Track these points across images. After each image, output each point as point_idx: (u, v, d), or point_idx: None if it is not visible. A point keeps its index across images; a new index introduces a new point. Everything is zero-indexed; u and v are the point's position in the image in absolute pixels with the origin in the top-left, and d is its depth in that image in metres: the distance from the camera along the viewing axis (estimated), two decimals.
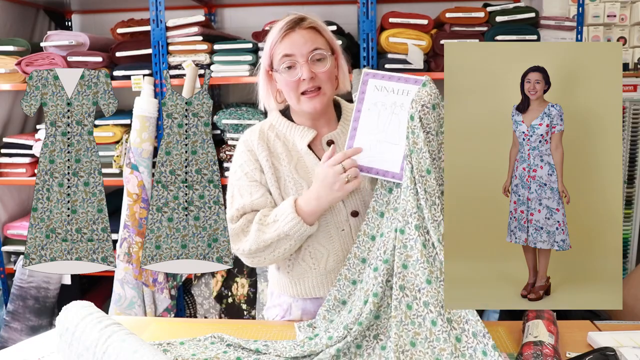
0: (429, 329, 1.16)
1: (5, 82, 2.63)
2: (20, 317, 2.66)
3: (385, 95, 1.30)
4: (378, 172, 1.28)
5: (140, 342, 1.06)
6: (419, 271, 1.19)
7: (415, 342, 1.15)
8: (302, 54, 1.32)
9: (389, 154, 1.28)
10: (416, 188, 1.21)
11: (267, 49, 1.36)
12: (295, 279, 1.43)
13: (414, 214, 1.20)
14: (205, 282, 2.74)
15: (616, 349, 1.11)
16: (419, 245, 1.19)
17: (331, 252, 1.38)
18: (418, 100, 1.22)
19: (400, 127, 1.27)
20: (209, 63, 2.54)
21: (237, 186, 1.41)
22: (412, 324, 1.17)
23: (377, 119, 1.30)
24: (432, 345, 1.14)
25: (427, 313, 1.17)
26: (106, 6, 3.12)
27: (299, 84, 1.33)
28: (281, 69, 1.33)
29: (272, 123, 1.46)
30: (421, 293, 1.18)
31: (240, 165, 1.42)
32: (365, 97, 1.32)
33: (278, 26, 1.34)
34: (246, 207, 1.37)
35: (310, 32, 1.34)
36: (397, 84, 1.30)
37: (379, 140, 1.29)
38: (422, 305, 1.17)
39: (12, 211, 2.91)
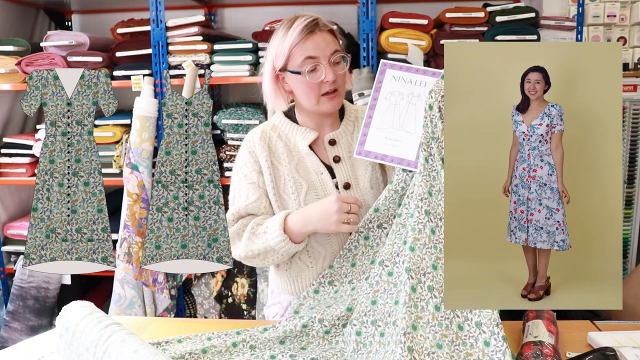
0: (431, 314, 1.15)
1: (5, 82, 2.63)
2: (20, 317, 2.66)
3: (402, 85, 1.32)
4: (393, 160, 1.30)
5: (140, 342, 1.06)
6: (426, 255, 1.18)
7: (417, 326, 1.14)
8: (325, 55, 1.33)
9: (404, 142, 1.29)
10: (431, 175, 1.22)
11: (284, 50, 1.35)
12: (293, 277, 1.44)
13: (425, 199, 1.21)
14: (205, 282, 2.74)
15: (616, 349, 1.11)
16: (428, 230, 1.19)
17: (328, 251, 1.39)
18: (437, 90, 1.22)
19: (416, 116, 1.29)
20: (209, 63, 2.54)
21: (237, 187, 1.44)
22: (415, 307, 1.16)
23: (394, 108, 1.31)
24: (434, 329, 1.13)
25: (431, 297, 1.16)
26: (106, 6, 3.12)
27: (320, 86, 1.34)
28: (304, 71, 1.33)
29: (274, 124, 1.47)
30: (426, 277, 1.17)
31: (240, 167, 1.45)
32: (382, 86, 1.34)
33: (296, 28, 1.33)
34: (241, 211, 1.40)
35: (329, 34, 1.36)
36: (415, 75, 1.32)
37: (394, 129, 1.31)
38: (427, 289, 1.17)
39: (12, 211, 2.91)
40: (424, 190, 1.22)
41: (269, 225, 1.34)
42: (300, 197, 1.38)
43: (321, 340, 1.27)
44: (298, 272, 1.43)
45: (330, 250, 1.39)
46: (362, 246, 1.33)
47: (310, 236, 1.37)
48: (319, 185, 1.39)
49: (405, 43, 2.42)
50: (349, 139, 1.44)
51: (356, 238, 1.33)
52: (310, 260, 1.40)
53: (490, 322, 1.09)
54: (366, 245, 1.33)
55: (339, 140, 1.43)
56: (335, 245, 1.39)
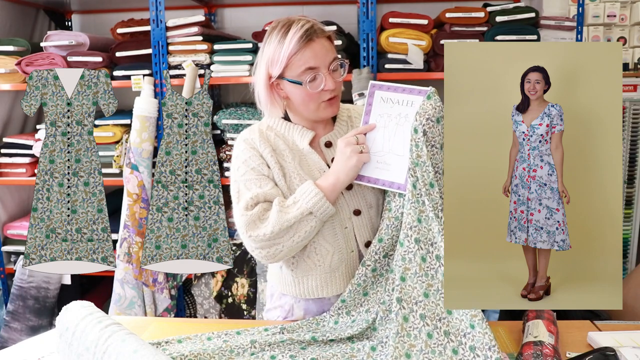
0: (424, 341, 1.16)
1: (5, 82, 2.63)
2: (20, 317, 2.66)
3: (390, 106, 1.32)
4: (384, 184, 1.31)
5: (140, 342, 1.06)
6: (417, 284, 1.20)
7: (411, 354, 1.16)
8: (325, 64, 1.32)
9: (394, 165, 1.30)
10: (419, 201, 1.22)
11: (281, 59, 1.32)
12: (299, 277, 1.42)
13: (415, 227, 1.22)
14: (205, 282, 2.74)
15: (616, 349, 1.11)
16: (418, 258, 1.21)
17: (336, 249, 1.39)
18: (422, 113, 1.23)
19: (404, 138, 1.28)
20: (209, 63, 2.54)
21: (243, 181, 1.38)
22: (408, 336, 1.18)
23: (383, 131, 1.32)
24: (427, 357, 1.15)
25: (423, 326, 1.17)
26: (106, 6, 3.12)
27: (320, 94, 1.33)
28: (305, 81, 1.31)
29: (269, 124, 1.44)
30: (418, 306, 1.19)
31: (244, 162, 1.39)
32: (372, 109, 1.35)
33: (293, 36, 1.30)
34: (259, 197, 1.34)
35: (327, 41, 1.34)
36: (402, 95, 1.31)
37: (384, 152, 1.31)
38: (419, 317, 1.19)
39: (12, 211, 2.90)
40: (413, 218, 1.22)
41: (297, 195, 1.32)
42: None
43: (323, 344, 1.28)
44: (304, 273, 1.41)
45: (337, 248, 1.39)
46: (370, 277, 1.35)
47: (318, 233, 1.37)
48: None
49: (405, 43, 2.42)
50: None
51: (364, 272, 1.34)
52: (317, 258, 1.39)
53: (483, 346, 1.08)
54: (375, 275, 1.35)
55: (334, 142, 1.42)
56: (342, 242, 1.39)
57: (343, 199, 1.39)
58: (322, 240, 1.39)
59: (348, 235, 1.39)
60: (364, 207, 1.40)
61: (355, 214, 1.39)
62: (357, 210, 1.39)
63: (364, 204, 1.40)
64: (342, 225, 1.39)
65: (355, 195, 1.40)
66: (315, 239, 1.38)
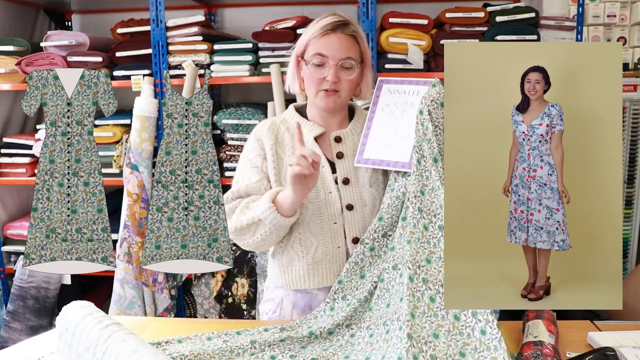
0: (427, 304, 1.18)
1: (5, 82, 2.63)
2: (20, 317, 2.66)
3: (397, 96, 1.41)
4: (389, 164, 1.36)
5: (140, 342, 1.06)
6: (420, 249, 1.23)
7: (415, 314, 1.17)
8: (334, 57, 1.38)
9: (398, 146, 1.36)
10: (423, 175, 1.28)
11: (304, 40, 1.43)
12: (284, 266, 1.46)
13: (418, 197, 1.28)
14: (205, 282, 2.74)
15: (616, 349, 1.11)
16: (421, 226, 1.25)
17: (320, 242, 1.41)
18: (427, 96, 1.32)
19: (410, 123, 1.36)
20: (209, 63, 2.54)
21: (241, 171, 1.48)
22: (412, 296, 1.19)
23: (389, 117, 1.39)
24: (430, 320, 1.16)
25: (426, 289, 1.19)
26: (106, 6, 3.12)
27: (321, 82, 1.40)
28: (311, 64, 1.40)
29: (285, 117, 1.52)
30: (421, 270, 1.22)
31: (246, 154, 1.50)
32: (379, 100, 1.44)
33: (322, 22, 1.41)
34: (241, 191, 1.45)
35: (348, 39, 1.41)
36: (409, 86, 1.41)
37: (390, 134, 1.38)
38: (421, 281, 1.20)
39: (12, 211, 2.91)
40: (416, 188, 1.28)
41: (260, 199, 1.37)
42: None
43: (323, 340, 1.28)
44: (289, 262, 1.44)
45: (323, 242, 1.41)
46: (368, 257, 1.35)
47: (305, 225, 1.40)
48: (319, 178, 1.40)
49: (405, 43, 2.42)
50: (355, 139, 1.47)
51: (362, 250, 1.35)
52: (301, 250, 1.42)
53: (485, 310, 1.12)
54: (372, 255, 1.35)
55: (345, 138, 1.46)
56: (328, 237, 1.40)
57: (336, 194, 1.42)
58: (307, 233, 1.41)
59: (337, 231, 1.41)
60: (357, 204, 1.42)
61: (347, 208, 1.41)
62: (350, 205, 1.41)
63: (359, 200, 1.42)
64: (331, 220, 1.41)
65: (350, 190, 1.42)
66: (302, 230, 1.42)
